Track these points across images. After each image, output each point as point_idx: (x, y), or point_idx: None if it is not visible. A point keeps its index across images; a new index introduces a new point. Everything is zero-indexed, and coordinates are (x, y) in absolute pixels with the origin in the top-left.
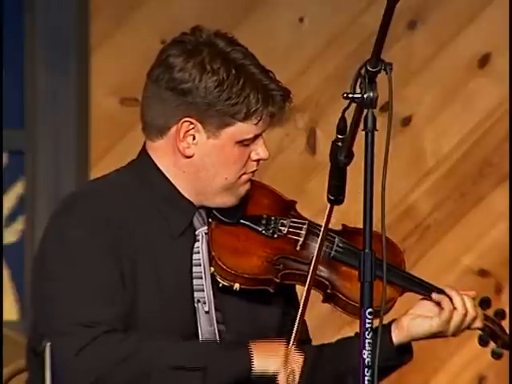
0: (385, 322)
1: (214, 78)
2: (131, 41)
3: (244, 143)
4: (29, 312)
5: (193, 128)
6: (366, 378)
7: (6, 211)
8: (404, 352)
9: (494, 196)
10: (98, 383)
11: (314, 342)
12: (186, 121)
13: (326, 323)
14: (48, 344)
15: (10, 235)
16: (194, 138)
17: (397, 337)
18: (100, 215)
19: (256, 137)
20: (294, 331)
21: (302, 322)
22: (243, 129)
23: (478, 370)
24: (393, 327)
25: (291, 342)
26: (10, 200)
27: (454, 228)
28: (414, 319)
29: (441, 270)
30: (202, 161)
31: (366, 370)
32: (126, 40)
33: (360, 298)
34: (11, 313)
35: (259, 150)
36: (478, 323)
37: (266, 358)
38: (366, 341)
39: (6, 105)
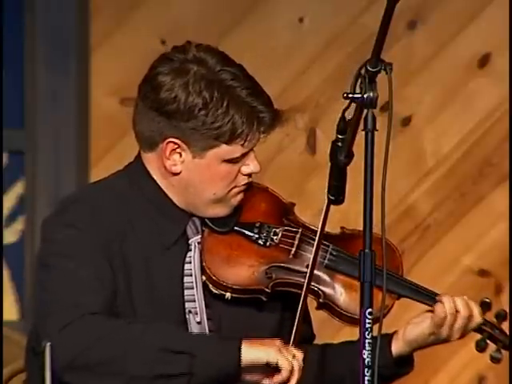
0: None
1: (198, 100)
2: (131, 41)
3: (232, 161)
4: (29, 312)
5: (178, 147)
6: (366, 378)
7: (6, 211)
8: (404, 364)
9: (494, 196)
10: (79, 358)
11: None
12: (170, 141)
13: (325, 323)
14: (48, 344)
15: (10, 235)
16: (180, 156)
17: (395, 347)
18: (91, 217)
19: (245, 154)
20: (294, 332)
21: (306, 318)
22: (229, 150)
23: (478, 371)
24: (392, 339)
25: (291, 341)
26: (10, 200)
27: (454, 228)
28: (407, 327)
29: (441, 270)
30: (189, 177)
31: (365, 370)
32: (126, 40)
33: (360, 298)
34: (11, 313)
35: (250, 165)
36: (476, 321)
37: (257, 348)
38: (366, 341)
39: (6, 105)
